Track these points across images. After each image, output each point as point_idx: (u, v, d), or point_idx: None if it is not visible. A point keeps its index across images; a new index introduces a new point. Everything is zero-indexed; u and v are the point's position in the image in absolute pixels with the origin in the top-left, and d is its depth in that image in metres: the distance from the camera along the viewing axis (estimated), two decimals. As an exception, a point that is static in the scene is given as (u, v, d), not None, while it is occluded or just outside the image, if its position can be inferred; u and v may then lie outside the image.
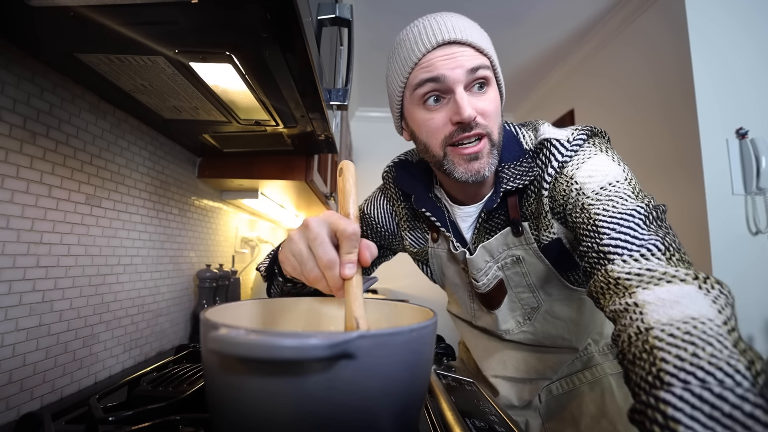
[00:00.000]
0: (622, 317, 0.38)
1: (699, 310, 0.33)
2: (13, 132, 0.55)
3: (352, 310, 0.36)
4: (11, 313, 0.55)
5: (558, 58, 2.53)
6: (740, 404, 0.25)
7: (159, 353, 0.94)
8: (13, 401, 0.55)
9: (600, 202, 0.48)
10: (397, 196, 0.74)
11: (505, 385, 0.73)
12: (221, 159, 1.11)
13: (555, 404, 0.73)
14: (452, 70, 0.51)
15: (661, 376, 0.30)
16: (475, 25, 0.55)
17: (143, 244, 0.87)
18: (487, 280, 0.64)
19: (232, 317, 0.41)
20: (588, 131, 0.57)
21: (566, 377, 0.73)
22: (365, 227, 0.77)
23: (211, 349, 0.25)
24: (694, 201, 1.56)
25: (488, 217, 0.62)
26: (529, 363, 0.71)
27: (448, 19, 0.53)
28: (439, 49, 0.52)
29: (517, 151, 0.60)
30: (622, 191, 0.48)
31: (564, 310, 0.67)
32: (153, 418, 0.46)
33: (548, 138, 0.57)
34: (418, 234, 0.73)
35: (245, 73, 0.56)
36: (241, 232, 1.53)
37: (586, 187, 0.51)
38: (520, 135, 0.62)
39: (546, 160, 0.56)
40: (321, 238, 0.36)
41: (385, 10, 2.10)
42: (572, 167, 0.54)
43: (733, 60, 1.60)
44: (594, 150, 0.54)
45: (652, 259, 0.40)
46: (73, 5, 0.39)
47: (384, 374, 0.29)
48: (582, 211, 0.50)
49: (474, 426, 0.46)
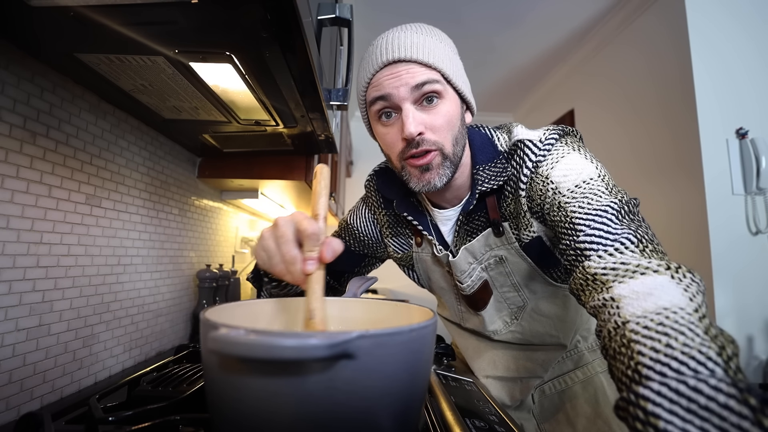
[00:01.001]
0: (601, 312, 0.40)
1: (671, 299, 0.35)
2: (13, 132, 0.55)
3: (309, 303, 0.39)
4: (11, 313, 0.55)
5: (558, 58, 2.53)
6: (714, 395, 0.26)
7: (159, 353, 0.94)
8: (13, 401, 0.55)
9: (575, 199, 0.50)
10: (378, 204, 0.75)
11: (496, 385, 0.74)
12: (221, 159, 1.11)
13: (548, 404, 0.73)
14: (397, 89, 0.53)
15: (639, 369, 0.31)
16: (429, 38, 0.55)
17: (143, 244, 0.87)
18: (471, 281, 0.65)
19: (232, 317, 0.41)
20: (560, 131, 0.58)
21: (558, 377, 0.73)
22: (349, 237, 0.79)
23: (211, 349, 0.25)
24: (694, 201, 1.56)
25: (468, 219, 0.63)
26: (519, 362, 0.72)
27: (398, 37, 0.54)
28: (386, 68, 0.54)
29: (492, 153, 0.61)
30: (596, 188, 0.49)
31: (550, 307, 0.68)
32: (153, 418, 0.46)
33: (521, 139, 0.58)
34: (402, 240, 0.75)
35: (245, 73, 0.56)
36: (241, 232, 1.54)
37: (562, 185, 0.52)
38: (494, 137, 0.63)
39: (520, 160, 0.57)
40: (286, 237, 0.39)
41: (385, 10, 2.10)
42: (547, 167, 0.55)
43: (733, 60, 1.60)
44: (567, 149, 0.56)
45: (626, 253, 0.42)
46: (73, 5, 0.39)
47: (384, 374, 0.29)
48: (559, 210, 0.51)
49: (474, 426, 0.46)
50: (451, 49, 0.57)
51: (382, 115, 0.56)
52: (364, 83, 0.57)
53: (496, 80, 2.88)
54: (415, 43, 0.53)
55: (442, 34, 0.58)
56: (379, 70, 0.54)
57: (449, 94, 0.55)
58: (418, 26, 0.56)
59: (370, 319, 0.49)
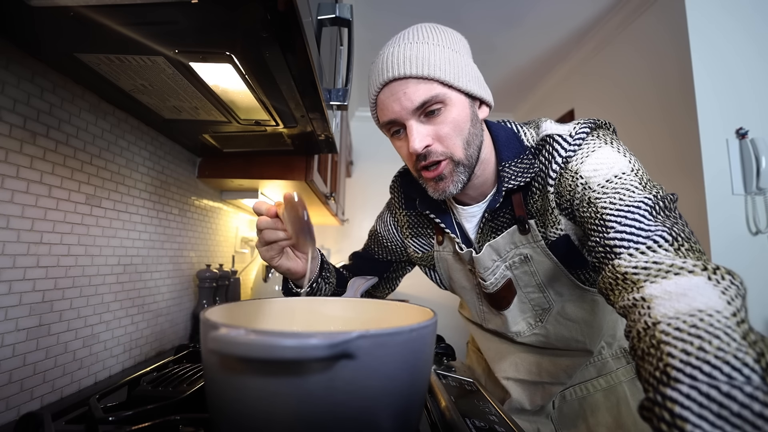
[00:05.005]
0: (631, 312, 0.38)
1: (707, 302, 0.33)
2: (13, 132, 0.55)
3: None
4: (11, 313, 0.55)
5: (558, 58, 2.53)
6: (749, 403, 0.25)
7: (159, 353, 0.94)
8: (13, 401, 0.55)
9: (606, 195, 0.48)
10: (399, 204, 0.76)
11: (516, 388, 0.72)
12: (221, 159, 1.11)
13: (568, 410, 0.71)
14: (398, 112, 0.54)
15: (668, 371, 0.30)
16: (426, 45, 0.53)
17: (143, 244, 0.87)
18: (494, 279, 0.64)
19: (232, 317, 0.41)
20: (591, 123, 0.56)
21: (580, 384, 0.71)
22: (375, 245, 0.82)
23: (211, 349, 0.25)
24: (694, 201, 1.56)
25: (493, 216, 0.62)
26: (542, 366, 0.70)
27: (393, 53, 0.54)
28: (386, 87, 0.54)
29: (518, 149, 0.59)
30: (628, 183, 0.47)
31: (576, 311, 0.65)
32: (153, 418, 0.46)
33: (550, 134, 0.57)
34: (422, 240, 0.74)
35: (245, 73, 0.56)
36: (241, 232, 1.53)
37: (592, 180, 0.51)
38: (521, 132, 0.61)
39: (549, 156, 0.56)
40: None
41: (385, 10, 2.10)
42: (576, 161, 0.53)
43: (733, 60, 1.60)
44: (598, 142, 0.54)
45: (659, 251, 0.40)
46: (73, 5, 0.39)
47: (384, 374, 0.29)
48: (589, 206, 0.49)
49: (474, 426, 0.46)
50: (451, 50, 0.55)
51: (393, 133, 0.58)
52: (371, 102, 0.59)
53: (496, 80, 2.88)
54: (410, 56, 0.52)
55: (442, 33, 0.56)
56: (380, 90, 0.55)
57: (453, 99, 0.54)
58: (417, 32, 0.55)
59: (370, 319, 0.49)
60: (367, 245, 0.85)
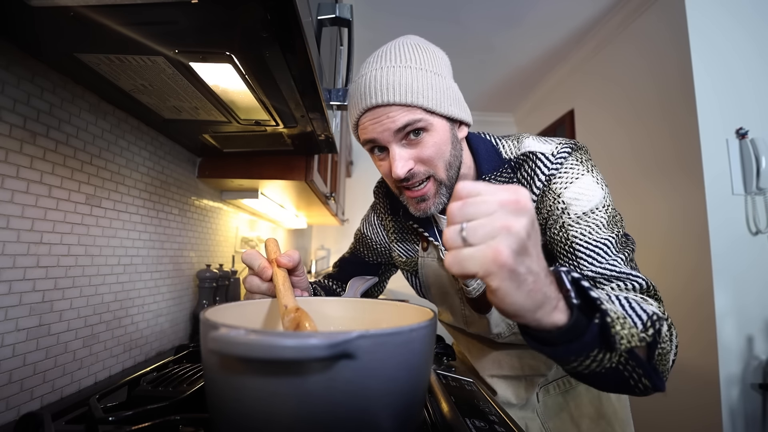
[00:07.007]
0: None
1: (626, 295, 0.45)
2: (13, 132, 0.55)
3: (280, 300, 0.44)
4: (11, 313, 0.55)
5: (558, 58, 2.53)
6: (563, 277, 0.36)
7: (159, 353, 0.94)
8: (13, 401, 0.55)
9: (579, 225, 0.54)
10: (385, 210, 0.77)
11: (501, 384, 0.75)
12: (221, 159, 1.11)
13: (552, 403, 0.74)
14: (381, 133, 0.55)
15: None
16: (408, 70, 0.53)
17: (143, 244, 0.87)
18: (477, 285, 0.66)
19: (232, 317, 0.41)
20: (572, 145, 0.59)
21: (563, 378, 0.75)
22: (363, 248, 0.84)
23: (211, 349, 0.25)
24: (694, 201, 1.56)
25: None
26: (524, 360, 0.74)
27: (375, 78, 0.53)
28: (368, 112, 0.55)
29: (497, 162, 0.62)
30: (599, 219, 0.54)
31: None
32: (153, 418, 0.46)
33: (533, 151, 0.59)
34: (408, 246, 0.76)
35: (245, 73, 0.56)
36: (241, 232, 1.53)
37: (571, 208, 0.55)
38: (499, 145, 0.63)
39: (531, 172, 0.58)
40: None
41: (385, 10, 2.10)
42: (560, 185, 0.56)
43: (733, 60, 1.60)
44: (581, 168, 0.57)
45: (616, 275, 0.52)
46: (73, 5, 0.39)
47: (384, 374, 0.29)
48: (561, 229, 0.55)
49: (474, 426, 0.46)
50: (434, 73, 0.54)
51: (374, 150, 0.59)
52: (352, 125, 0.59)
53: (496, 80, 2.88)
54: (391, 83, 0.52)
55: (424, 53, 0.55)
56: (362, 114, 0.56)
57: (435, 125, 0.55)
58: (400, 53, 0.54)
59: (370, 319, 0.49)
60: (354, 248, 0.86)
